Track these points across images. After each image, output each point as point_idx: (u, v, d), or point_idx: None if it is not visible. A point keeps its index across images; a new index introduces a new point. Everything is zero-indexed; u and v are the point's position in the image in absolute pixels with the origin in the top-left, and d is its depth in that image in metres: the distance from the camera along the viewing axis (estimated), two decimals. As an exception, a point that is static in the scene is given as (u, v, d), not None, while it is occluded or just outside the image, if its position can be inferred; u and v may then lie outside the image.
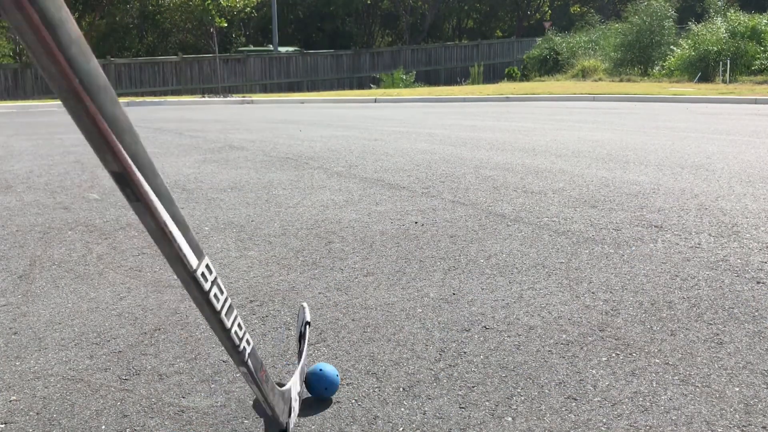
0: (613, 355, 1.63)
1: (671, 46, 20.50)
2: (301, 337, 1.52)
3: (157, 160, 5.35)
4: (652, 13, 20.46)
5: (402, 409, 1.40)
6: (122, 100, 17.80)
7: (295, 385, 1.28)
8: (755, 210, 3.16)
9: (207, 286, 0.85)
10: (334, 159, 5.21)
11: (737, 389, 1.45)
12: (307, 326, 1.51)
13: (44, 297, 2.14)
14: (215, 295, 0.87)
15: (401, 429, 1.32)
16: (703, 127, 7.46)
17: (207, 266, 0.85)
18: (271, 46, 27.96)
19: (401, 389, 1.48)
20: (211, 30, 24.61)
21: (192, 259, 0.81)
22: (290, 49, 28.09)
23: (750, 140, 6.07)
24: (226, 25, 26.31)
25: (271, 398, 1.11)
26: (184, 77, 24.61)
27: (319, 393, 1.42)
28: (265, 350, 1.69)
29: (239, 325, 0.95)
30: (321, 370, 1.41)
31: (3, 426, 1.36)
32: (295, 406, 1.27)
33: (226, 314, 0.90)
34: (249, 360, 0.99)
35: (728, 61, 17.20)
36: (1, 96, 20.96)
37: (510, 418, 1.35)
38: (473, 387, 1.48)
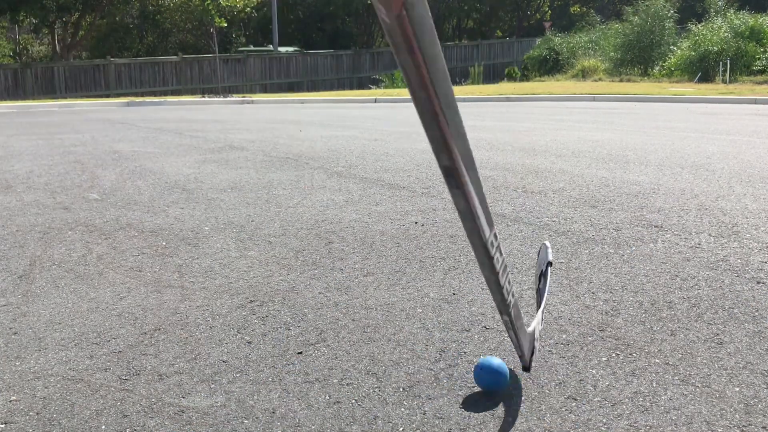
0: (613, 355, 1.63)
1: (671, 47, 20.50)
2: (542, 276, 1.60)
3: (158, 160, 5.35)
4: (652, 13, 20.46)
5: (402, 409, 1.40)
6: (122, 100, 17.81)
7: (537, 326, 1.44)
8: (755, 210, 3.16)
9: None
10: (334, 159, 5.21)
11: (737, 389, 1.45)
12: (549, 266, 1.61)
13: (44, 297, 2.14)
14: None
15: (401, 429, 1.33)
16: (703, 127, 7.46)
17: (495, 234, 1.07)
18: (271, 46, 27.98)
19: (401, 389, 1.48)
20: (211, 30, 24.62)
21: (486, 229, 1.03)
22: (290, 49, 28.10)
23: (750, 140, 6.08)
24: (226, 25, 26.33)
25: (523, 342, 1.32)
26: (184, 77, 24.62)
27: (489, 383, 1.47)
28: (264, 350, 1.69)
29: (509, 281, 1.18)
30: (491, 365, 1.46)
31: (3, 426, 1.36)
32: (536, 345, 1.44)
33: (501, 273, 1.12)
34: (512, 311, 1.21)
35: (728, 62, 17.20)
36: (1, 96, 20.96)
37: (510, 418, 1.35)
38: (473, 387, 1.48)
